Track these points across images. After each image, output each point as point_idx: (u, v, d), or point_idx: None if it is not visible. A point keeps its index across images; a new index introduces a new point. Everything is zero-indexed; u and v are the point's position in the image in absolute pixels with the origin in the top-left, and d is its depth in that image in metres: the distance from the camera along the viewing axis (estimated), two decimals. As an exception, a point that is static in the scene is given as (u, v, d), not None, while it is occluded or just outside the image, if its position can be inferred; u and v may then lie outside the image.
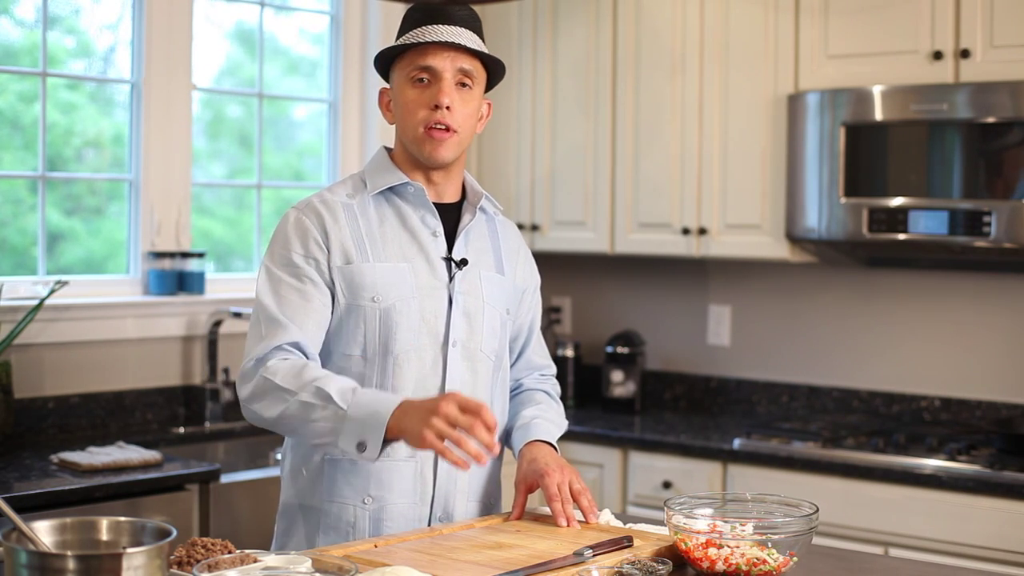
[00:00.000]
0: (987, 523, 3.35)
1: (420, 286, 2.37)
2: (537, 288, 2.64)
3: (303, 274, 2.34)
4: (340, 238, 2.36)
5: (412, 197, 2.43)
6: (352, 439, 2.18)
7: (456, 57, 2.37)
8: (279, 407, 2.24)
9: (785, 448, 3.71)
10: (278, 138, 4.52)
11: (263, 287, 2.35)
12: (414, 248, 2.39)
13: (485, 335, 2.43)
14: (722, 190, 4.10)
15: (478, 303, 2.43)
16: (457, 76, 2.37)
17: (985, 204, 3.54)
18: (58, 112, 3.89)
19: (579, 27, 4.39)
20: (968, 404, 3.98)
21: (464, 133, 2.41)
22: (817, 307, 4.30)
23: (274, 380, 2.24)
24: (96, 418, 3.74)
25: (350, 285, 2.34)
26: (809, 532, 2.11)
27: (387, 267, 2.36)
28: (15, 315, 3.52)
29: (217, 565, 1.86)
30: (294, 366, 2.25)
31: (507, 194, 4.60)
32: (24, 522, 1.64)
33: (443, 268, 2.41)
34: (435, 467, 2.37)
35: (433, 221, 2.42)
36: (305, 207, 2.40)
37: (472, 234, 2.47)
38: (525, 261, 2.60)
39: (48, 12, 3.77)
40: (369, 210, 2.41)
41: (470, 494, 2.44)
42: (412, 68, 2.38)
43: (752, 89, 4.02)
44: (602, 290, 4.79)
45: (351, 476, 2.35)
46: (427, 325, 2.36)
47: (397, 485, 2.35)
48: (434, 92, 2.36)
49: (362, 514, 2.34)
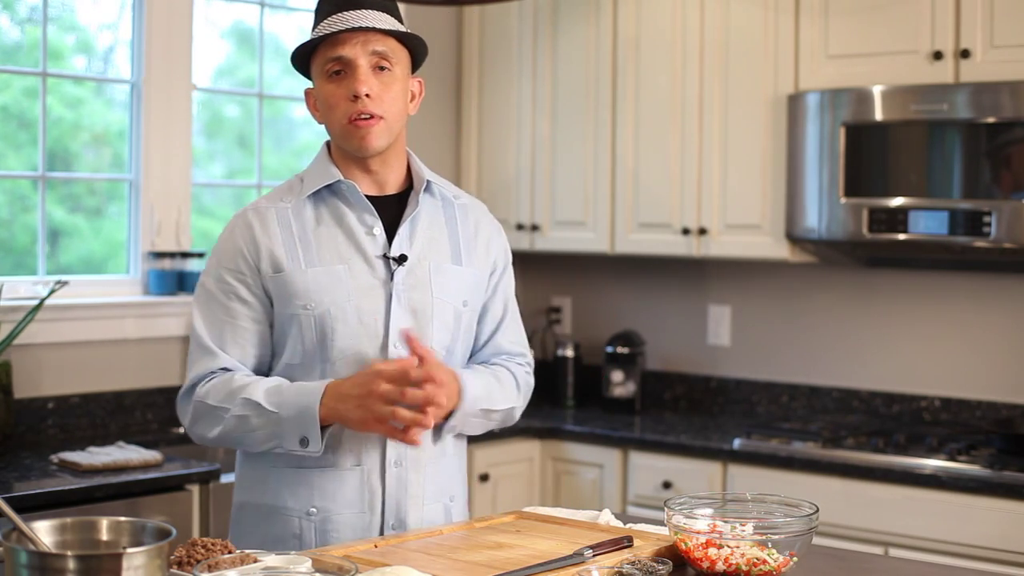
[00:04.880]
0: (987, 523, 3.35)
1: (357, 287, 2.31)
2: (508, 267, 2.52)
3: (232, 291, 2.32)
4: (270, 247, 2.31)
5: (347, 195, 2.35)
6: (293, 439, 2.22)
7: (367, 41, 2.29)
8: (218, 426, 2.27)
9: (785, 448, 3.71)
10: (277, 138, 4.52)
11: (196, 306, 2.35)
12: (351, 248, 2.33)
13: (435, 331, 2.34)
14: (722, 190, 4.10)
15: (426, 298, 2.34)
16: (372, 60, 2.30)
17: (985, 204, 3.54)
18: (64, 107, 3.89)
19: (579, 27, 4.39)
20: (968, 404, 3.98)
21: (391, 118, 2.32)
22: (817, 307, 4.30)
23: (206, 402, 2.28)
24: (96, 418, 3.74)
25: (282, 294, 2.30)
26: (809, 532, 2.10)
27: (320, 271, 2.30)
28: (15, 315, 3.52)
29: (217, 565, 1.85)
30: (222, 382, 2.27)
31: (507, 194, 4.60)
32: (24, 522, 1.64)
33: (382, 266, 2.33)
34: (383, 475, 2.31)
35: (370, 218, 2.34)
36: (239, 218, 2.37)
37: (420, 224, 2.38)
38: (488, 243, 2.48)
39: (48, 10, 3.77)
40: (305, 212, 2.35)
41: (424, 498, 2.36)
42: (326, 61, 2.31)
43: (752, 89, 4.02)
44: (602, 290, 4.79)
45: (295, 487, 2.30)
46: (366, 327, 2.30)
47: (342, 495, 2.30)
48: (350, 82, 2.29)
49: (307, 525, 2.30)
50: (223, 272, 2.33)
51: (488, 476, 4.05)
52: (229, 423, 2.26)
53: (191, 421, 2.32)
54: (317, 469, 2.30)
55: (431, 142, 4.67)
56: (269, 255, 2.31)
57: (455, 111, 4.75)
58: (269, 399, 2.22)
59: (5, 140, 3.77)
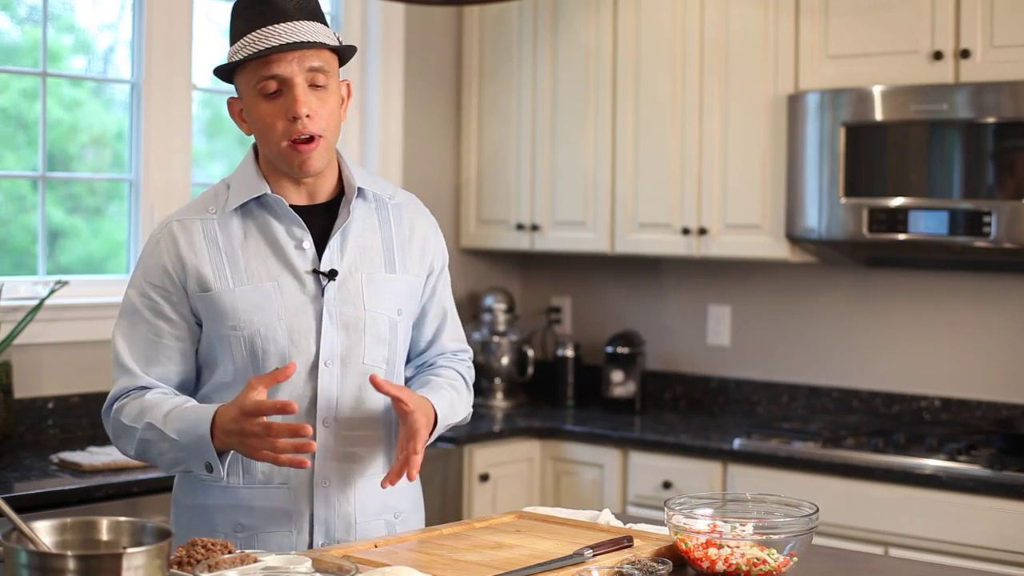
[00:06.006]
0: (987, 523, 3.35)
1: (287, 306, 2.22)
2: (444, 268, 2.45)
3: (156, 308, 2.25)
4: (196, 264, 2.23)
5: (275, 207, 2.26)
6: (199, 463, 2.17)
7: (303, 57, 2.18)
8: (132, 445, 2.25)
9: (785, 448, 3.71)
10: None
11: (119, 320, 2.29)
12: (279, 264, 2.24)
13: (367, 346, 2.27)
14: (722, 190, 4.10)
15: (358, 312, 2.26)
16: (309, 77, 2.19)
17: (985, 204, 3.54)
18: (62, 109, 3.89)
19: (579, 27, 4.39)
20: (968, 404, 3.98)
21: (330, 135, 2.23)
22: (817, 307, 4.30)
23: (120, 419, 2.25)
24: (96, 418, 3.73)
25: (210, 314, 2.23)
26: (809, 532, 2.10)
27: (249, 290, 2.22)
28: (15, 315, 3.52)
29: (217, 565, 1.86)
30: (136, 401, 2.23)
31: (507, 194, 4.60)
32: (24, 522, 1.64)
33: (312, 282, 2.24)
34: (311, 494, 2.25)
35: (299, 232, 2.25)
36: (164, 229, 2.27)
37: (352, 234, 2.29)
38: (424, 245, 2.39)
39: (48, 10, 3.77)
40: (231, 225, 2.26)
41: (358, 515, 2.29)
42: (257, 79, 2.18)
43: (752, 89, 4.02)
44: (602, 290, 4.79)
45: (222, 503, 2.26)
46: (297, 346, 2.22)
47: (269, 514, 2.24)
48: (289, 102, 2.17)
49: (234, 542, 2.20)
50: (147, 288, 2.26)
51: (488, 476, 4.05)
52: (140, 445, 2.22)
53: (113, 437, 2.29)
54: (244, 487, 2.25)
55: (431, 142, 4.67)
56: (195, 273, 2.23)
57: (455, 111, 4.75)
58: (170, 424, 2.17)
59: (4, 141, 3.77)
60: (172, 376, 2.27)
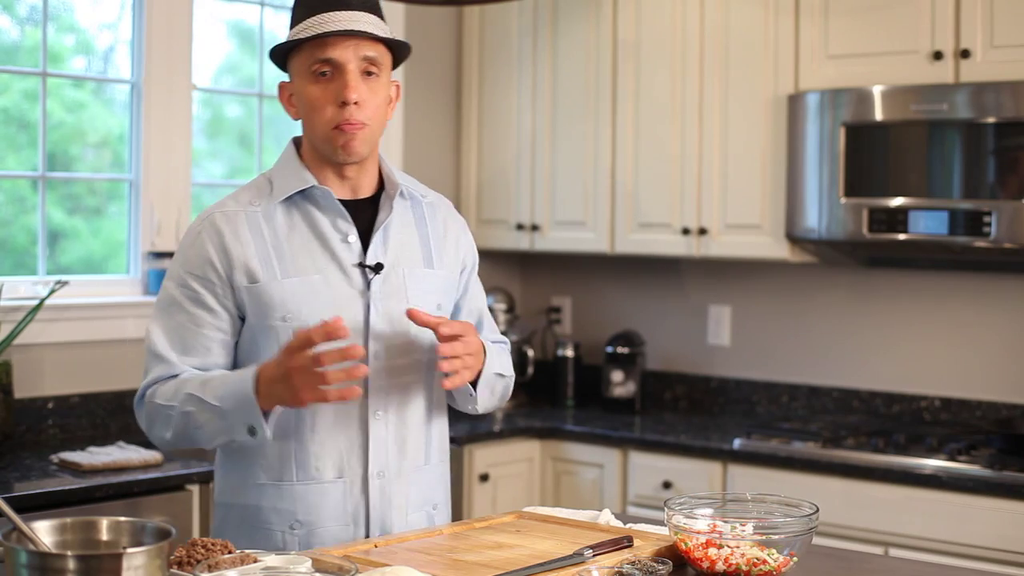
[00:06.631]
0: (987, 523, 3.35)
1: (335, 298, 2.24)
2: (476, 266, 2.49)
3: (198, 298, 2.24)
4: (243, 256, 2.23)
5: (321, 200, 2.29)
6: (241, 429, 2.16)
7: (359, 45, 2.22)
8: (170, 426, 2.22)
9: (785, 448, 3.71)
10: (278, 138, 4.52)
11: (156, 311, 2.28)
12: (326, 257, 2.26)
13: (412, 337, 2.29)
14: (722, 190, 4.10)
15: (401, 305, 2.28)
16: (362, 65, 2.23)
17: (985, 204, 3.54)
18: (64, 110, 3.89)
19: (579, 27, 4.39)
20: (968, 404, 3.98)
21: (375, 124, 2.26)
22: (817, 307, 4.30)
23: (155, 402, 2.23)
24: (96, 418, 3.74)
25: (258, 305, 2.23)
26: (809, 532, 2.10)
27: (296, 282, 2.23)
28: (15, 315, 3.52)
29: (217, 565, 1.86)
30: (170, 383, 2.23)
31: (507, 194, 4.60)
32: (24, 522, 1.64)
33: (358, 275, 2.27)
34: (365, 487, 2.27)
35: (345, 225, 2.28)
36: (206, 220, 2.28)
37: (392, 229, 2.32)
38: (456, 243, 2.43)
39: (48, 10, 3.77)
40: (276, 217, 2.27)
41: (408, 507, 2.33)
42: (312, 61, 2.23)
43: (752, 89, 4.02)
44: (602, 290, 4.79)
45: (276, 501, 2.25)
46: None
47: (325, 509, 2.25)
48: (339, 87, 2.22)
49: (291, 540, 2.24)
50: (188, 278, 2.25)
51: (488, 476, 4.05)
52: (179, 421, 2.20)
53: (148, 424, 2.27)
54: (300, 483, 2.25)
55: (431, 142, 4.67)
56: (243, 264, 2.23)
57: (455, 111, 4.75)
58: (210, 392, 2.16)
59: (5, 141, 3.77)
60: (210, 367, 2.26)
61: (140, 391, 2.28)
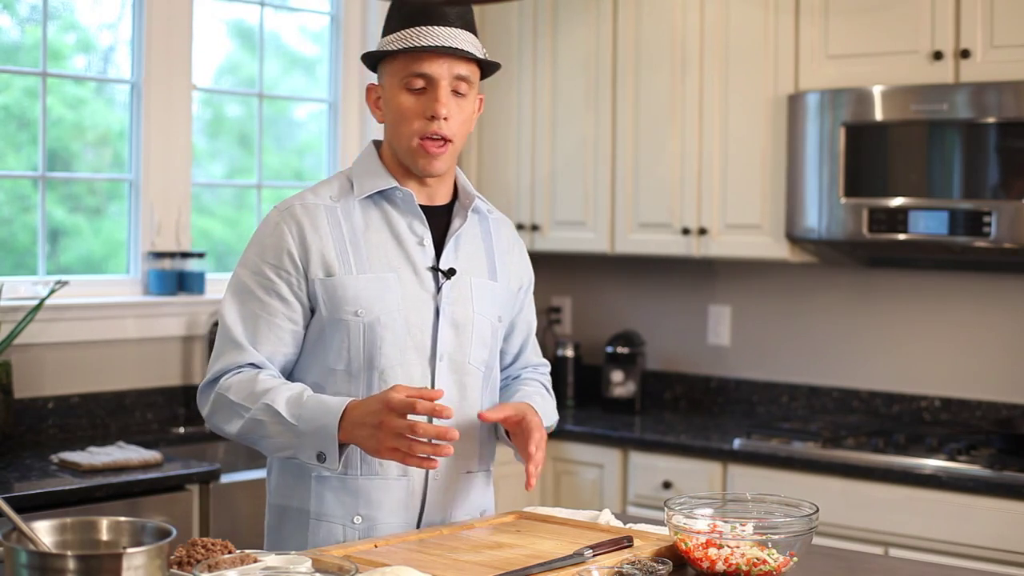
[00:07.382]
0: (987, 523, 3.35)
1: (406, 297, 2.28)
2: (531, 286, 2.55)
3: (272, 288, 2.27)
4: (320, 248, 2.27)
5: (401, 202, 2.33)
6: (310, 452, 2.17)
7: (453, 64, 2.27)
8: (236, 423, 2.24)
9: (785, 448, 3.71)
10: (278, 137, 4.52)
11: (229, 298, 2.30)
12: (400, 257, 2.30)
13: (474, 346, 2.35)
14: (722, 190, 4.10)
15: (467, 313, 2.34)
16: (453, 84, 2.28)
17: (985, 204, 3.54)
18: (65, 107, 3.89)
19: (579, 27, 4.39)
20: (968, 404, 3.98)
21: (459, 141, 2.31)
22: (817, 307, 4.30)
23: (228, 396, 2.24)
24: (96, 418, 3.74)
25: (332, 298, 2.26)
26: (809, 532, 2.10)
27: (371, 278, 2.27)
28: (15, 315, 3.52)
29: (217, 565, 1.86)
30: (246, 379, 2.23)
31: (507, 194, 4.60)
32: (24, 522, 1.64)
33: (430, 278, 2.32)
34: (424, 485, 2.32)
35: (421, 228, 2.33)
36: (286, 211, 2.30)
37: (463, 239, 2.38)
38: (518, 260, 2.51)
39: (48, 9, 3.77)
40: (354, 214, 2.31)
41: (461, 508, 2.38)
42: (406, 73, 2.27)
43: (752, 89, 4.02)
44: (602, 290, 4.79)
45: (340, 494, 2.29)
46: (413, 339, 2.28)
47: (388, 503, 2.29)
48: (430, 101, 2.26)
49: (351, 533, 2.28)
50: (264, 267, 2.27)
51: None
52: (247, 424, 2.22)
53: (210, 412, 2.28)
54: (364, 477, 2.28)
55: (431, 142, 4.67)
56: (320, 257, 2.27)
57: (455, 111, 4.75)
58: (290, 410, 2.18)
59: (5, 140, 3.77)
60: (278, 357, 2.29)
61: (211, 375, 2.28)
